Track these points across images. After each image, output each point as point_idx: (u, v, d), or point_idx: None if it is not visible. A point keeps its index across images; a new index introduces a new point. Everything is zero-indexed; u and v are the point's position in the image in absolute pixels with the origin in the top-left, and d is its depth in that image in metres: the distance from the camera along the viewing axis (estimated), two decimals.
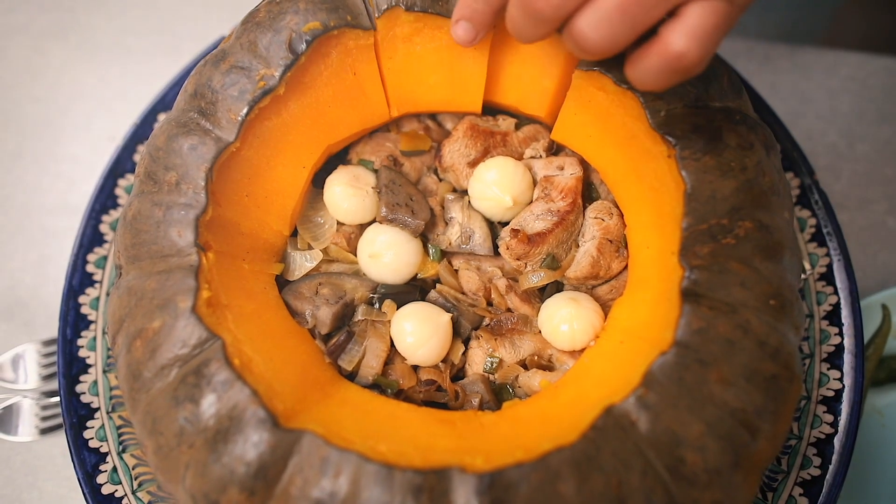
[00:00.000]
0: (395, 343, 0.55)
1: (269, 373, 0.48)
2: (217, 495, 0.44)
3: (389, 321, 0.55)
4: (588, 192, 0.59)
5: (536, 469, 0.41)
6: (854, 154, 0.80)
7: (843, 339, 0.60)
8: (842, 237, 0.63)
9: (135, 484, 0.58)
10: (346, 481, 0.42)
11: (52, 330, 0.73)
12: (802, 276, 0.63)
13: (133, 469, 0.59)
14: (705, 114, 0.50)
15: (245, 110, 0.52)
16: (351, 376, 0.55)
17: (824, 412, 0.59)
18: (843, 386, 0.59)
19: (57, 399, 0.70)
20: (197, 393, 0.46)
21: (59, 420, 0.69)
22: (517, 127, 0.61)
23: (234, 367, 0.46)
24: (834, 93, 0.83)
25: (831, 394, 0.59)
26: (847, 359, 0.59)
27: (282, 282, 0.58)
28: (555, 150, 0.61)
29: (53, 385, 0.70)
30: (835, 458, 0.57)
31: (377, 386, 0.54)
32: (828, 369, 0.60)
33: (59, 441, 0.70)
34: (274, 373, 0.48)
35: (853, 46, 0.85)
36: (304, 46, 0.53)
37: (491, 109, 0.62)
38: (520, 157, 0.60)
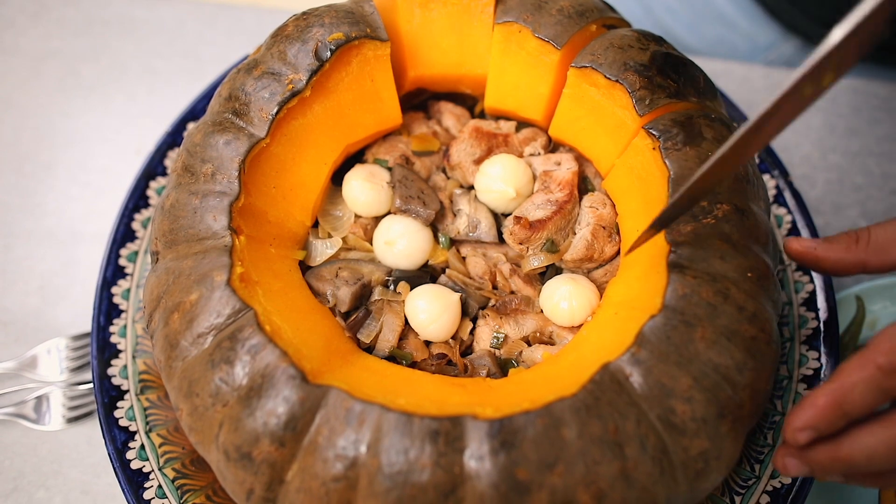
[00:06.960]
0: (409, 320, 0.60)
1: (297, 339, 0.52)
2: (249, 447, 0.48)
3: (404, 301, 0.60)
4: (583, 184, 0.65)
5: (541, 415, 0.46)
6: (826, 164, 0.86)
7: (819, 322, 0.65)
8: (815, 230, 0.68)
9: (161, 461, 0.62)
10: (369, 430, 0.46)
11: (80, 327, 0.78)
12: (780, 267, 0.69)
13: (159, 447, 0.62)
14: (685, 112, 0.57)
15: (275, 109, 0.58)
16: (369, 349, 0.59)
17: (805, 390, 0.64)
18: (821, 364, 0.64)
19: (83, 388, 0.73)
20: (232, 355, 0.50)
21: (86, 409, 0.73)
22: (517, 129, 0.67)
23: (265, 332, 0.50)
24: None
25: (810, 373, 0.64)
26: (824, 339, 0.64)
27: (304, 268, 0.63)
28: (552, 148, 0.67)
29: (81, 377, 0.74)
30: None
31: (393, 358, 0.58)
32: (807, 350, 0.65)
33: (85, 430, 0.73)
34: (301, 340, 0.52)
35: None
36: (328, 54, 0.59)
37: (493, 116, 0.69)
38: (520, 156, 0.66)
